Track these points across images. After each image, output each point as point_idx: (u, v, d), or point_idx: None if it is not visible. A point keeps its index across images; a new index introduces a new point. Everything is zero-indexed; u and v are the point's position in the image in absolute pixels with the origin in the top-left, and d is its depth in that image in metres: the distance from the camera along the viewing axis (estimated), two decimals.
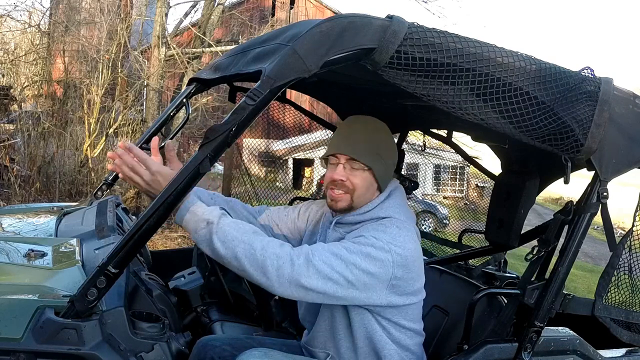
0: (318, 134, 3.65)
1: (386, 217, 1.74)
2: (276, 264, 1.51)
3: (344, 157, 1.75)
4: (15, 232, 2.24)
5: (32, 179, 7.91)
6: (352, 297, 1.60)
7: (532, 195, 2.10)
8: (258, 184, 4.62)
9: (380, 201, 1.79)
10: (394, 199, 1.81)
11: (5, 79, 9.40)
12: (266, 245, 1.54)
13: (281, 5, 20.18)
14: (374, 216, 1.76)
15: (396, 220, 1.74)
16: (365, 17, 1.45)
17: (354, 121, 1.82)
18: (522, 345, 1.74)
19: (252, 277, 1.54)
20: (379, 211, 1.77)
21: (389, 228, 1.69)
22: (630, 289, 1.98)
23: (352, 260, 1.57)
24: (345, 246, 1.61)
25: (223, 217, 1.56)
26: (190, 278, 2.32)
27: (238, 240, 1.53)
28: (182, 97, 2.15)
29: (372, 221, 1.75)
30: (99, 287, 1.44)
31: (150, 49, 9.05)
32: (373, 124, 1.81)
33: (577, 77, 1.64)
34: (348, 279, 1.57)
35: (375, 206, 1.78)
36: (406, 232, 1.71)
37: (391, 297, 1.65)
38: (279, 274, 1.51)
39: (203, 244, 1.56)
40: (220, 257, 1.54)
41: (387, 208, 1.77)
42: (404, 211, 1.80)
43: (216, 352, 1.89)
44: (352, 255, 1.58)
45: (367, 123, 1.81)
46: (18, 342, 1.41)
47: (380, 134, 1.80)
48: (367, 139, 1.76)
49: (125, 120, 9.08)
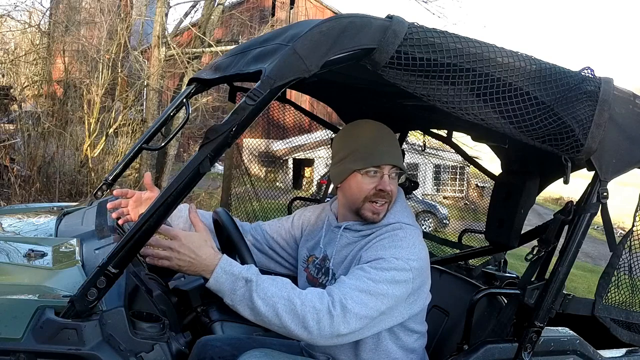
0: (318, 134, 3.64)
1: (395, 223, 1.75)
2: (316, 318, 1.50)
3: (388, 167, 1.74)
4: (15, 232, 2.24)
5: (32, 179, 7.91)
6: (383, 324, 1.64)
7: (532, 195, 2.10)
8: (258, 184, 4.61)
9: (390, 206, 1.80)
10: (399, 202, 1.82)
11: (5, 79, 9.39)
12: (304, 299, 1.51)
13: (281, 5, 20.19)
14: (384, 222, 1.77)
15: (407, 227, 1.75)
16: (365, 17, 1.45)
17: (375, 128, 1.80)
18: (522, 345, 1.74)
19: (292, 333, 1.51)
20: (389, 217, 1.77)
21: (404, 240, 1.68)
22: (630, 289, 1.98)
23: (381, 291, 1.58)
24: (370, 277, 1.59)
25: (259, 274, 1.53)
26: (190, 278, 2.31)
27: (278, 296, 1.49)
28: (182, 97, 2.15)
29: (382, 228, 1.75)
30: (99, 287, 1.44)
31: (150, 49, 9.05)
32: (387, 128, 1.82)
33: (577, 77, 1.64)
34: (381, 310, 1.58)
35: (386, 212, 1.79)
36: (418, 239, 1.73)
37: (410, 309, 1.69)
38: (319, 328, 1.51)
39: (241, 303, 1.50)
40: (260, 314, 1.50)
41: (395, 213, 1.78)
42: (408, 214, 1.81)
43: (216, 352, 1.89)
44: (379, 285, 1.58)
45: (382, 128, 1.81)
46: (18, 342, 1.41)
47: (392, 135, 1.82)
48: (396, 144, 1.79)
49: (125, 120, 9.09)
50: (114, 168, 2.43)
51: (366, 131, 1.79)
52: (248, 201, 4.32)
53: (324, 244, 1.89)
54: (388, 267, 1.61)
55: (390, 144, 1.77)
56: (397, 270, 1.61)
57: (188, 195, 3.78)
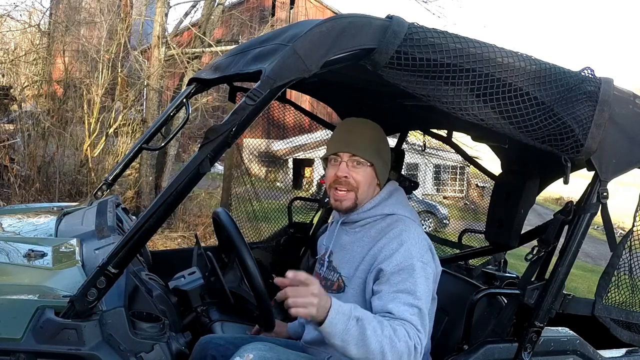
0: (318, 134, 3.64)
1: (392, 214, 1.79)
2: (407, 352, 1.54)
3: (347, 155, 1.79)
4: (15, 232, 2.24)
5: (32, 179, 7.90)
6: None
7: (532, 196, 2.10)
8: (258, 184, 4.61)
9: (383, 199, 1.83)
10: (396, 197, 1.85)
11: (5, 79, 9.38)
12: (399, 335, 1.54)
13: (281, 5, 20.19)
14: (378, 213, 1.80)
15: (404, 218, 1.78)
16: (365, 17, 1.45)
17: (351, 122, 1.87)
18: (522, 345, 1.74)
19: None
20: (384, 208, 1.81)
21: (409, 231, 1.72)
22: (630, 289, 1.98)
23: (424, 292, 1.65)
24: (409, 289, 1.63)
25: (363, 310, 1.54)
26: (190, 278, 2.31)
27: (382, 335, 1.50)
28: (182, 97, 2.15)
29: (378, 219, 1.79)
30: (99, 287, 1.44)
31: (150, 49, 9.04)
32: (370, 124, 1.87)
33: (577, 78, 1.64)
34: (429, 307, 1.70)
35: (377, 203, 1.82)
36: (419, 227, 1.79)
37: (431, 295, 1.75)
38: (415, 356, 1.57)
39: (352, 342, 1.47)
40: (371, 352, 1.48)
41: (391, 205, 1.82)
42: (408, 209, 1.84)
43: (219, 351, 1.88)
44: (421, 294, 1.64)
45: (364, 123, 1.86)
46: (18, 342, 1.41)
47: (377, 132, 1.86)
48: (367, 137, 1.81)
49: (125, 120, 9.08)
50: (114, 168, 2.44)
51: (343, 124, 1.88)
52: (248, 201, 4.31)
53: (326, 240, 1.95)
54: (419, 269, 1.66)
55: (358, 135, 1.80)
56: (424, 272, 1.67)
57: (188, 195, 3.78)
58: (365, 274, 1.74)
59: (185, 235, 8.20)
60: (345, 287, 1.79)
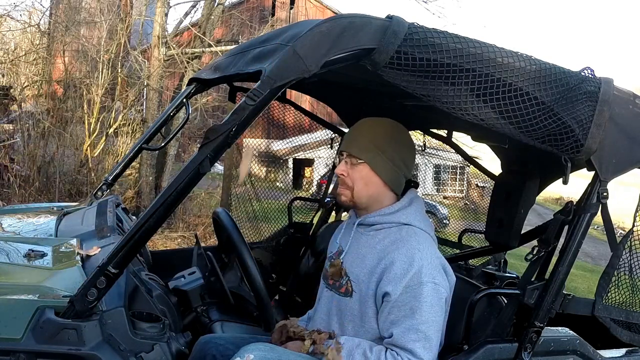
0: (318, 134, 3.63)
1: (408, 225, 1.77)
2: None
3: (346, 154, 1.82)
4: (15, 232, 2.24)
5: (32, 179, 7.90)
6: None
7: (532, 196, 2.09)
8: (258, 184, 4.61)
9: (403, 206, 1.80)
10: (415, 206, 1.83)
11: (5, 79, 9.38)
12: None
13: (281, 5, 20.19)
14: (395, 220, 1.78)
15: (420, 232, 1.76)
16: (365, 17, 1.45)
17: (362, 121, 1.87)
18: (522, 345, 1.74)
19: None
20: (401, 216, 1.78)
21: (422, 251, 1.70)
22: (630, 289, 1.98)
23: (432, 315, 1.65)
24: (416, 313, 1.64)
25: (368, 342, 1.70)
26: (190, 278, 2.31)
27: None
28: (182, 97, 2.15)
29: (394, 227, 1.77)
30: (99, 287, 1.44)
31: (150, 49, 9.03)
32: (380, 123, 1.83)
33: (577, 78, 1.64)
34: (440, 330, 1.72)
35: (397, 210, 1.79)
36: (434, 244, 1.78)
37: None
38: None
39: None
40: None
41: (409, 214, 1.79)
42: (425, 221, 1.82)
43: (219, 350, 1.88)
44: (427, 311, 1.64)
45: (374, 122, 1.84)
46: (18, 342, 1.41)
47: (384, 131, 1.81)
48: (366, 135, 1.80)
49: (125, 120, 9.08)
50: (114, 168, 2.44)
51: (356, 124, 1.89)
52: (248, 201, 4.31)
53: (340, 239, 1.93)
54: (430, 294, 1.65)
55: (360, 134, 1.81)
56: (437, 296, 1.67)
57: (188, 196, 3.77)
58: (374, 285, 1.71)
59: (185, 235, 8.19)
60: (352, 292, 1.77)
